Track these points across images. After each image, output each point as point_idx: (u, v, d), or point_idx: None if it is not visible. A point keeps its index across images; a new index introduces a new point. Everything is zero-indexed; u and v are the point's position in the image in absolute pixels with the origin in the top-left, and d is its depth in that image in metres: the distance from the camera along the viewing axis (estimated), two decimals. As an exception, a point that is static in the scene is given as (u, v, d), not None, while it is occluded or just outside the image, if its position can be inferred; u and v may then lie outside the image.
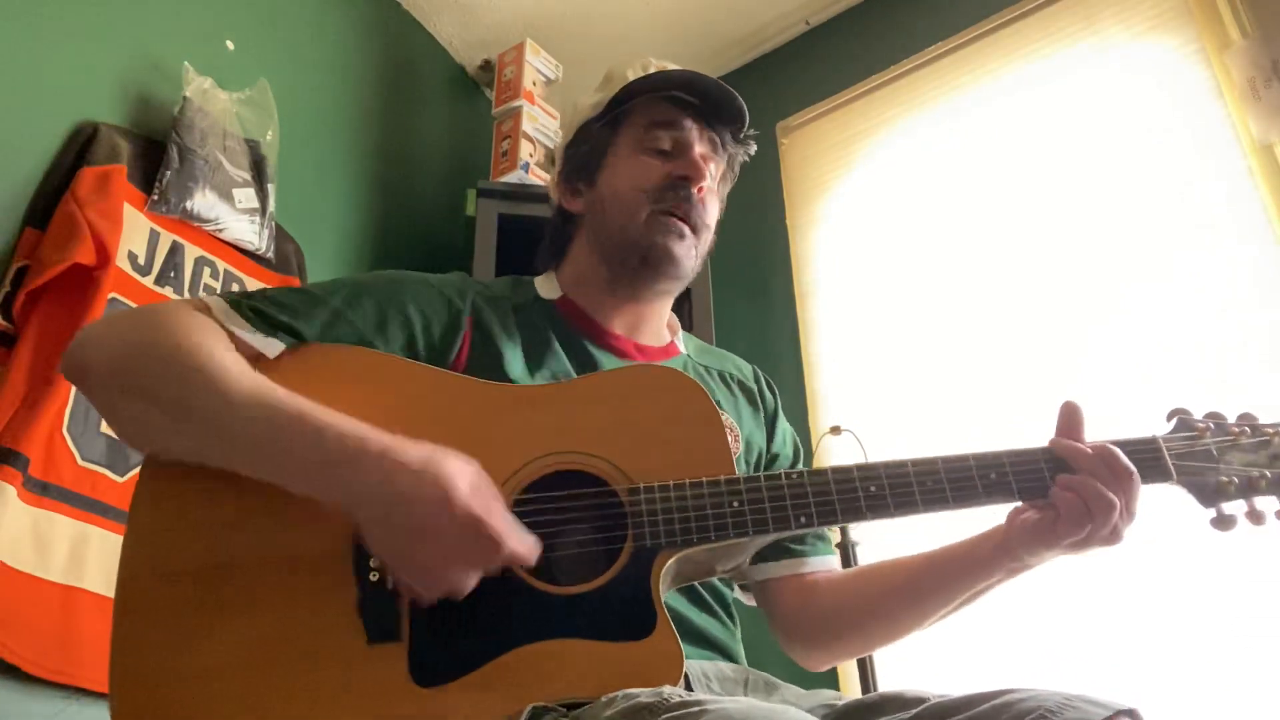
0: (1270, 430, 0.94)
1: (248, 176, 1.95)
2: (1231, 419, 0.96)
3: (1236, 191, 1.81)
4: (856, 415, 2.11)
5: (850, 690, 1.81)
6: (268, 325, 0.93)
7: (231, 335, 0.90)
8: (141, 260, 1.73)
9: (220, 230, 1.88)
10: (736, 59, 2.83)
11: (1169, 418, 0.97)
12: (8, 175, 1.62)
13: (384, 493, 0.78)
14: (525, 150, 2.39)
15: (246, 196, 1.93)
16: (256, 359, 0.90)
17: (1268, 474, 0.91)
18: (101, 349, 0.89)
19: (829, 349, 2.31)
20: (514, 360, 1.03)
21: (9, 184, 1.62)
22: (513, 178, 2.35)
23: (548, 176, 2.39)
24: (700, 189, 1.11)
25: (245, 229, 1.92)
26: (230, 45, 2.13)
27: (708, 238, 1.16)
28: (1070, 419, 0.95)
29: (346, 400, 0.88)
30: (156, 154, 1.81)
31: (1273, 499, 0.92)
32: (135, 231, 1.73)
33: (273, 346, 0.92)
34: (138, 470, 1.60)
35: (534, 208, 2.26)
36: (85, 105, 1.77)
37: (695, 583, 1.02)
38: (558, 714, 0.76)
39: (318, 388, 0.88)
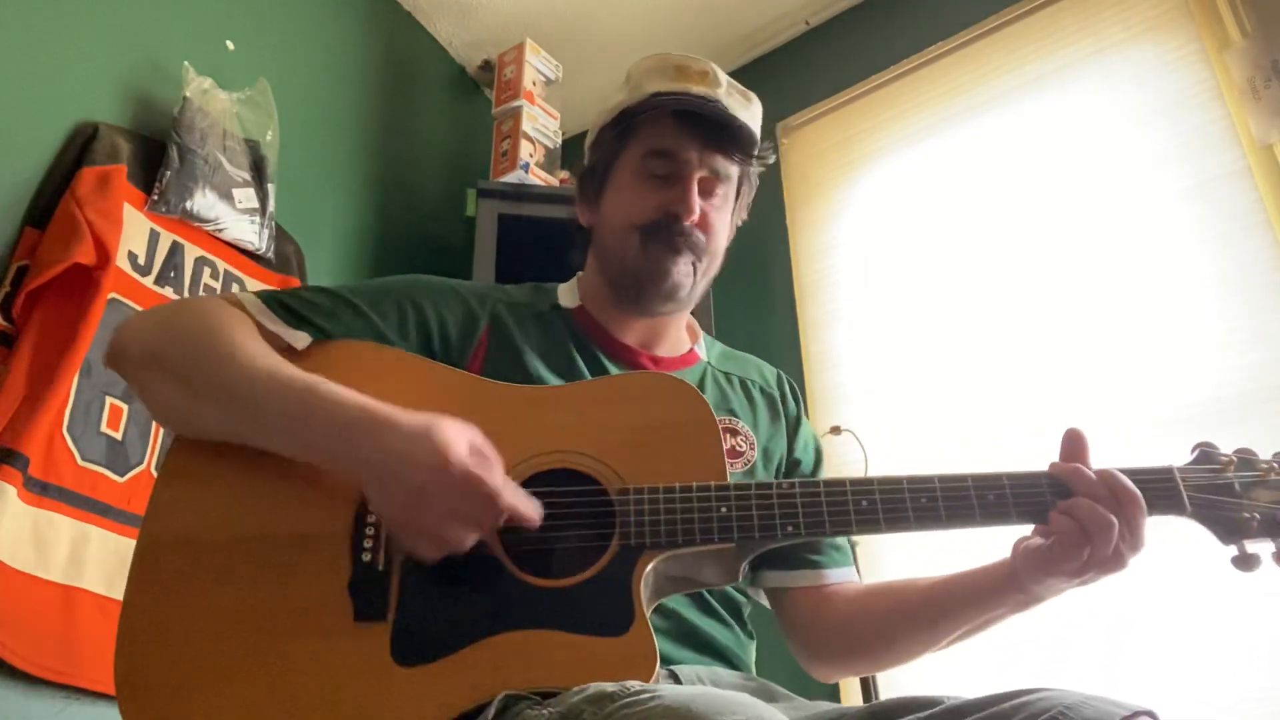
0: None
1: (248, 176, 1.95)
2: (1266, 456, 0.92)
3: (1236, 191, 1.81)
4: (857, 415, 2.11)
5: (851, 700, 1.81)
6: (295, 319, 1.00)
7: (261, 327, 0.98)
8: (141, 260, 1.73)
9: (220, 230, 1.88)
10: (737, 59, 2.83)
11: (1192, 450, 0.94)
12: (8, 175, 1.62)
13: (385, 455, 0.82)
14: (525, 150, 2.39)
15: (246, 196, 1.93)
16: (285, 351, 0.97)
17: None
18: (141, 334, 0.97)
19: (829, 349, 2.31)
20: (529, 364, 1.05)
21: (9, 184, 1.62)
22: (513, 178, 2.35)
23: (548, 176, 2.41)
24: (694, 221, 1.10)
25: (245, 229, 1.92)
26: (230, 45, 2.13)
27: (712, 261, 1.14)
28: (1073, 446, 0.92)
29: (361, 392, 0.94)
30: (156, 154, 1.82)
31: None
32: (135, 231, 1.73)
33: (300, 339, 0.98)
34: (138, 470, 1.62)
35: (534, 208, 2.26)
36: (85, 105, 1.77)
37: (706, 594, 1.02)
38: (530, 701, 0.78)
39: (337, 379, 0.94)
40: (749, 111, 1.15)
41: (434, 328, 1.05)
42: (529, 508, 0.84)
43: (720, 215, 1.14)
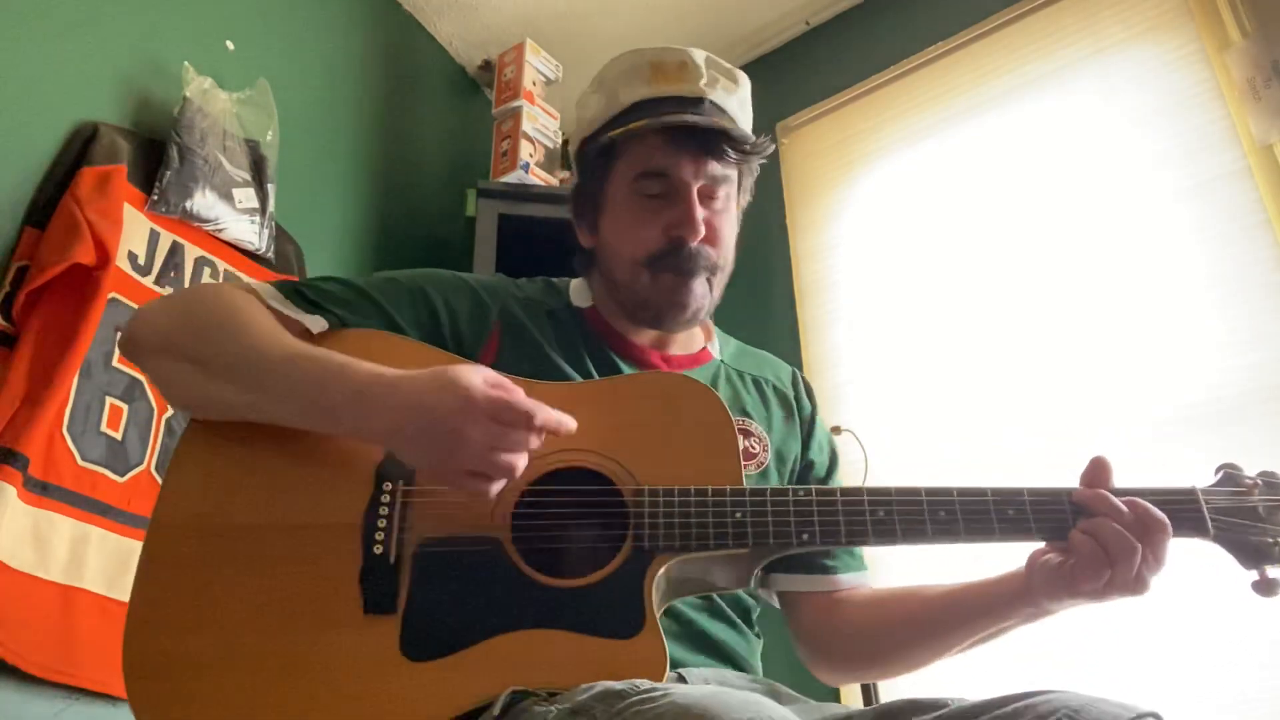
0: None
1: (248, 176, 1.95)
2: None
3: (1236, 191, 1.81)
4: (857, 415, 2.11)
5: (851, 701, 1.81)
6: (311, 305, 1.00)
7: (276, 313, 0.98)
8: (141, 260, 1.73)
9: (220, 230, 1.88)
10: (736, 59, 2.83)
11: (1216, 471, 0.93)
12: (8, 175, 1.62)
13: (409, 411, 0.83)
14: (525, 150, 2.39)
15: (246, 196, 1.93)
16: (302, 335, 0.97)
17: None
18: (154, 322, 0.98)
19: (829, 349, 2.31)
20: (539, 361, 1.05)
21: (9, 184, 1.62)
22: (513, 178, 2.35)
23: (548, 176, 2.41)
24: (700, 240, 1.06)
25: (245, 229, 1.92)
26: (230, 45, 2.13)
27: (725, 268, 1.11)
28: (1097, 473, 0.90)
29: None
30: (156, 154, 1.81)
31: None
32: (135, 231, 1.73)
33: (317, 323, 0.99)
34: (138, 470, 1.62)
35: (534, 208, 2.26)
36: (85, 105, 1.77)
37: (715, 595, 1.01)
38: (537, 697, 0.77)
39: None
40: (737, 96, 1.10)
41: (445, 320, 1.05)
42: (564, 419, 0.85)
43: (726, 219, 1.10)
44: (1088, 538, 0.85)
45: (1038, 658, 1.66)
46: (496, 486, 0.83)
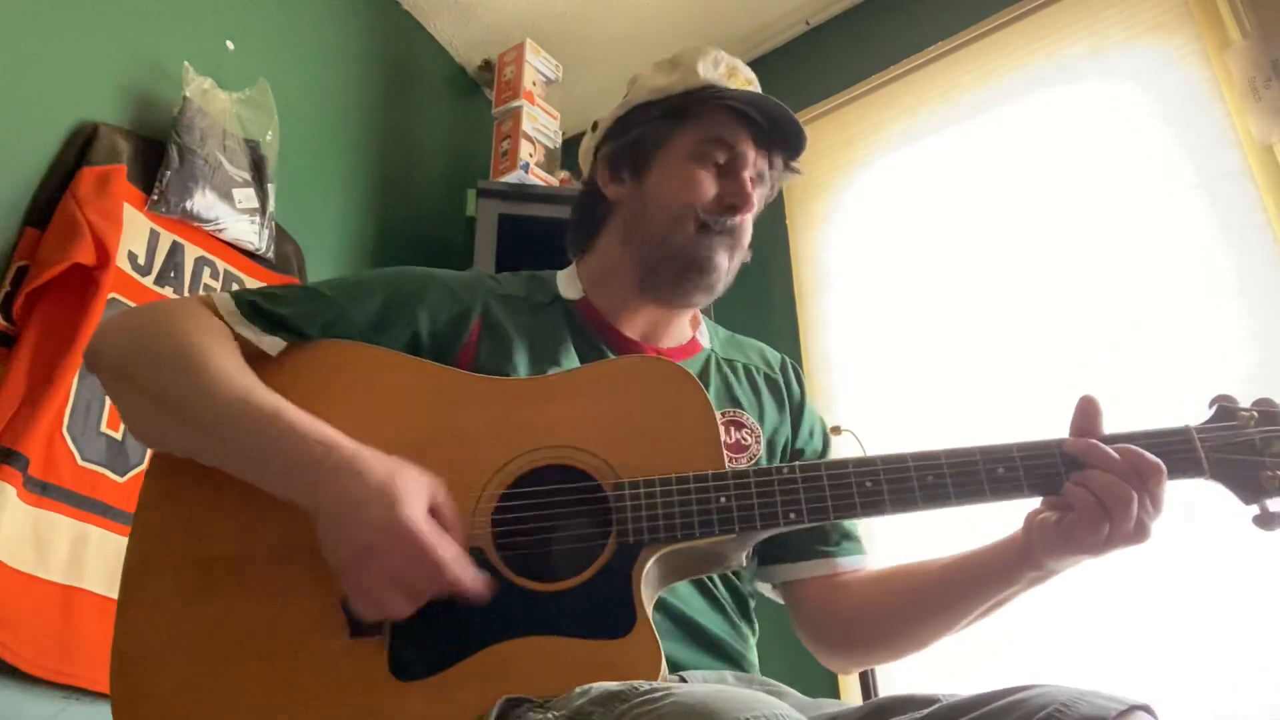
0: None
1: (248, 176, 1.95)
2: None
3: (1236, 191, 1.81)
4: (857, 415, 2.11)
5: (851, 697, 1.81)
6: (269, 323, 0.96)
7: (235, 333, 0.94)
8: (141, 260, 1.73)
9: (220, 230, 1.88)
10: (736, 59, 2.83)
11: (1210, 404, 0.90)
12: (8, 175, 1.62)
13: (340, 504, 0.80)
14: (525, 150, 2.39)
15: (246, 196, 1.93)
16: (259, 356, 0.94)
17: None
18: (115, 344, 0.95)
19: (829, 349, 2.31)
20: (523, 360, 1.03)
21: (9, 184, 1.62)
22: (513, 178, 2.35)
23: (548, 176, 2.41)
24: (747, 213, 1.11)
25: (245, 229, 1.92)
26: (230, 45, 2.13)
27: (740, 258, 1.15)
28: (1086, 414, 0.89)
29: (340, 397, 0.92)
30: (156, 154, 1.82)
31: None
32: (135, 231, 1.73)
33: (274, 345, 0.96)
34: (138, 470, 1.62)
35: (534, 208, 2.26)
36: (85, 105, 1.77)
37: (713, 587, 1.01)
38: (531, 704, 0.76)
39: (312, 385, 0.92)
40: None
41: (422, 323, 1.02)
42: (476, 584, 0.81)
43: (754, 215, 1.15)
44: (1082, 490, 0.83)
45: (1030, 652, 1.67)
46: (372, 618, 0.81)
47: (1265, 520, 0.84)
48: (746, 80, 1.16)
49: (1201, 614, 1.57)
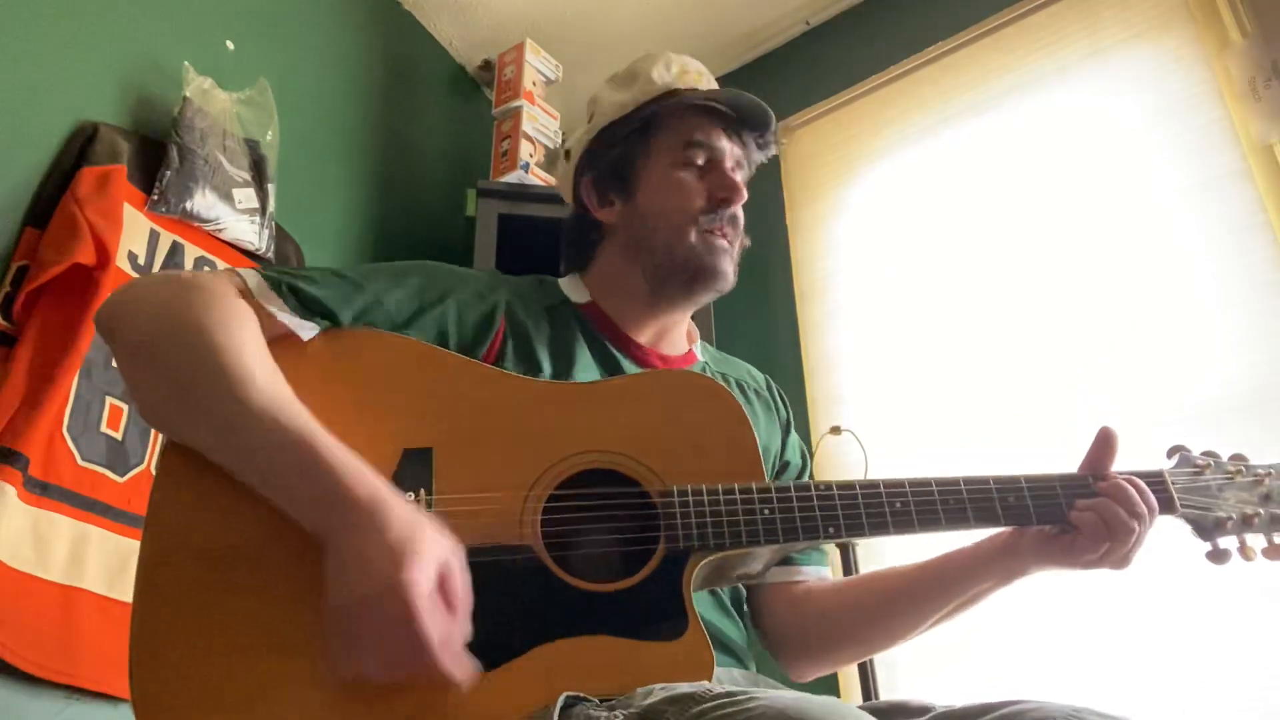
0: (1262, 472, 1.00)
1: (248, 176, 1.95)
2: (1225, 458, 1.02)
3: (1236, 191, 1.81)
4: (857, 415, 2.11)
5: (851, 700, 1.81)
6: (304, 308, 0.93)
7: (266, 314, 0.91)
8: (141, 260, 1.73)
9: (220, 230, 1.88)
10: (737, 59, 2.83)
11: (1169, 454, 1.03)
12: (8, 175, 1.62)
13: (351, 554, 0.77)
14: (525, 150, 2.39)
15: (246, 196, 1.93)
16: (289, 338, 0.91)
17: (1262, 512, 0.97)
18: (136, 316, 0.89)
19: (829, 349, 2.31)
20: (544, 359, 1.04)
21: (9, 184, 1.62)
22: (513, 178, 2.35)
23: (548, 176, 2.41)
24: (740, 201, 1.14)
25: (245, 229, 1.92)
26: (230, 45, 2.13)
27: (740, 244, 1.18)
28: (1104, 446, 0.98)
29: (381, 390, 0.91)
30: (156, 154, 1.81)
31: (1260, 537, 0.98)
32: (135, 231, 1.73)
33: (308, 330, 0.92)
34: (138, 470, 1.62)
35: (534, 208, 2.26)
36: (85, 105, 1.77)
37: (718, 587, 1.03)
38: (591, 703, 0.76)
39: (344, 374, 0.91)
40: None
41: (450, 319, 1.02)
42: (462, 669, 0.75)
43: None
44: (1090, 513, 0.92)
45: (1026, 665, 1.67)
46: (344, 677, 0.76)
47: (1217, 556, 0.97)
48: (697, 73, 1.20)
49: (1192, 629, 1.57)
